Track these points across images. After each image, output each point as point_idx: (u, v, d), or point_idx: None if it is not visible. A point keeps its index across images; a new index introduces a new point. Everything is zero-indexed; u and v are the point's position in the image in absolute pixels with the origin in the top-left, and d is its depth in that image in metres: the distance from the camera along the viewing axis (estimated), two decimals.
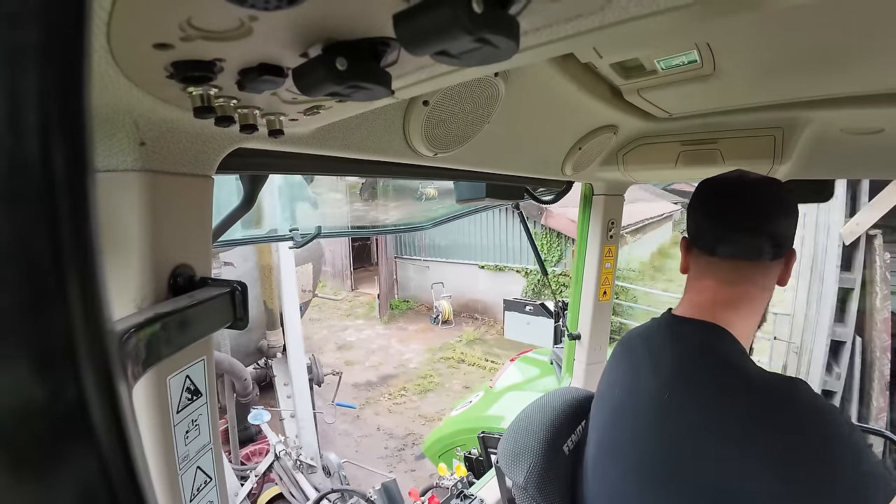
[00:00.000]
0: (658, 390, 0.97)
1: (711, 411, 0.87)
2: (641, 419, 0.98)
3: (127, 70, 0.43)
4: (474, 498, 2.09)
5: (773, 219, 0.99)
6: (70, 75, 0.16)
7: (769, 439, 0.80)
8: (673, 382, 0.95)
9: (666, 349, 1.02)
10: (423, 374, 8.70)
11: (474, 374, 8.66)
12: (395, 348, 10.10)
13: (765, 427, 0.81)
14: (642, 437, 0.97)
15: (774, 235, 0.98)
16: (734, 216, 1.02)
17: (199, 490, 0.69)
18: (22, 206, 0.15)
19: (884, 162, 1.47)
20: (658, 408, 0.95)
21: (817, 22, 0.77)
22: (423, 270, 12.48)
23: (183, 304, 0.57)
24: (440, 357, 9.39)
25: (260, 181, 1.07)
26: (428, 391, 8.12)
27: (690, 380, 0.94)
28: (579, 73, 1.06)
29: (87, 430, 0.16)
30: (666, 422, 0.93)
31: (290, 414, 5.35)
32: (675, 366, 0.98)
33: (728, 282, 1.02)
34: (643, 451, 0.96)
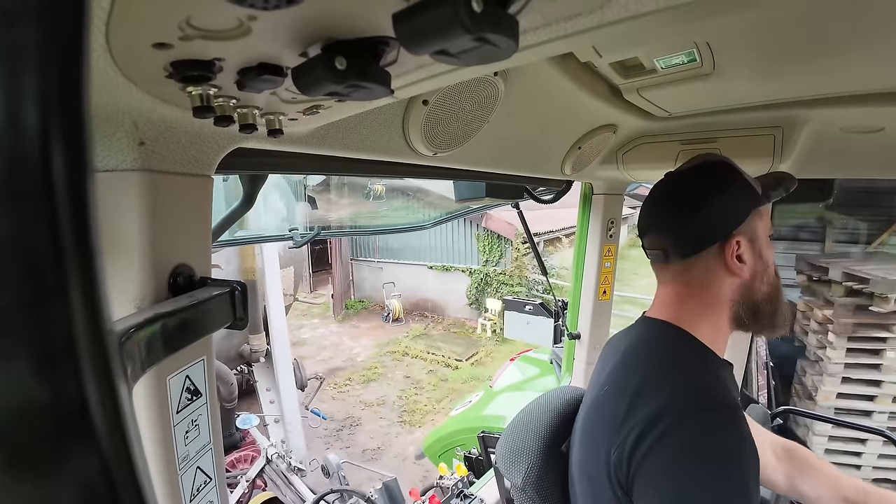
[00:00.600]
0: (599, 387, 1.01)
1: (624, 406, 0.89)
2: (582, 417, 1.03)
3: (126, 69, 0.43)
4: (474, 497, 2.09)
5: (673, 220, 1.00)
6: (69, 75, 0.16)
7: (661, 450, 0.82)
8: (609, 377, 0.99)
9: (621, 347, 1.05)
10: (369, 367, 9.26)
11: (416, 365, 9.31)
12: (347, 344, 10.58)
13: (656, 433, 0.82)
14: (578, 436, 1.02)
15: (677, 236, 0.99)
16: (641, 222, 1.07)
17: (199, 490, 0.69)
18: (21, 205, 0.15)
19: (884, 161, 1.46)
20: (592, 404, 1.00)
21: (816, 20, 0.77)
22: (377, 271, 13.04)
23: (183, 303, 0.57)
24: (386, 351, 9.95)
25: (259, 181, 1.07)
26: (371, 381, 8.68)
27: (622, 374, 0.97)
28: (579, 72, 1.06)
29: (88, 430, 0.16)
30: (593, 416, 0.98)
31: (275, 419, 5.36)
32: (617, 362, 1.01)
33: (663, 282, 1.06)
34: (579, 449, 1.01)
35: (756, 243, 0.99)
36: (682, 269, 1.00)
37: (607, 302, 2.29)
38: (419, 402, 7.84)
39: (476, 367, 8.98)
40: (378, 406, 7.74)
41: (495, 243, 10.96)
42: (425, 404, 7.75)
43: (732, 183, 0.97)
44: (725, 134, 1.47)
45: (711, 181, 0.98)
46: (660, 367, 0.93)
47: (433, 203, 6.73)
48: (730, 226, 0.96)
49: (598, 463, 0.90)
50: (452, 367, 9.03)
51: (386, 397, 8.03)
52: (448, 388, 8.27)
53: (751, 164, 1.46)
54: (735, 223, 0.96)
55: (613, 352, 1.08)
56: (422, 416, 7.40)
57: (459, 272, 11.59)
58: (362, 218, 4.46)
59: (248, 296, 0.66)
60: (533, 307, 3.18)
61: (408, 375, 8.84)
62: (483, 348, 9.83)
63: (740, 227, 0.96)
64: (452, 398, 7.81)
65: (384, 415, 7.52)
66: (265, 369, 6.07)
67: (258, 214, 3.54)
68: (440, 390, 8.20)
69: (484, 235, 11.02)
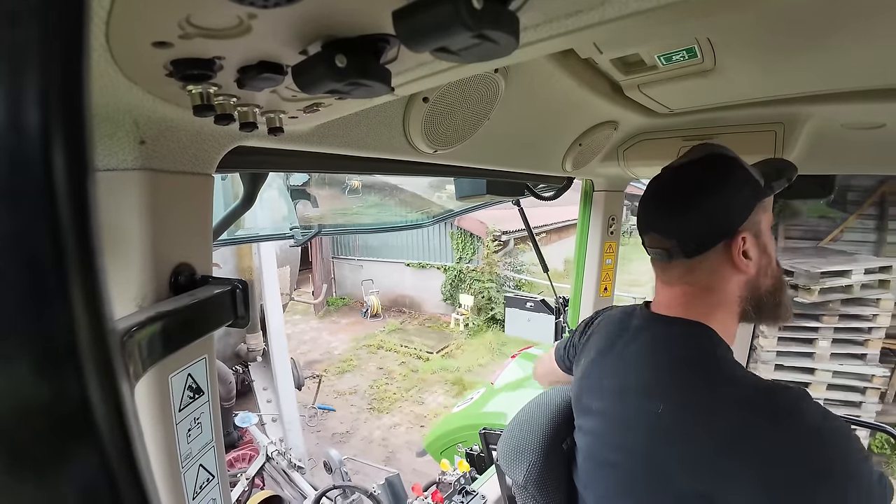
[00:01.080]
0: (640, 402, 0.95)
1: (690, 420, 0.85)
2: (621, 419, 0.97)
3: (126, 69, 0.43)
4: (476, 494, 2.09)
5: (677, 219, 0.95)
6: (70, 74, 0.16)
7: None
8: (656, 391, 0.93)
9: (638, 344, 1.01)
10: (345, 359, 9.57)
11: (389, 357, 9.68)
12: (325, 339, 10.94)
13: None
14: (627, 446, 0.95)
15: (681, 235, 0.94)
16: (642, 220, 1.01)
17: (201, 488, 0.69)
18: (22, 205, 0.15)
19: (886, 157, 1.46)
20: (639, 414, 0.93)
21: (817, 16, 0.77)
22: (357, 269, 13.41)
23: (184, 302, 0.57)
24: (363, 345, 10.31)
25: (260, 179, 1.06)
26: (346, 372, 9.01)
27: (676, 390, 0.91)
28: (579, 68, 1.06)
29: (90, 430, 0.16)
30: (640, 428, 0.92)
31: (272, 418, 5.40)
32: (650, 369, 0.96)
33: (666, 283, 1.01)
34: (627, 460, 0.94)
35: (760, 238, 0.96)
36: (686, 270, 0.96)
37: (609, 298, 2.29)
38: (389, 391, 8.19)
39: (446, 359, 9.35)
40: (350, 395, 8.07)
41: (468, 241, 11.30)
42: (394, 393, 8.09)
43: (735, 177, 0.93)
44: (726, 130, 1.46)
45: (714, 176, 0.94)
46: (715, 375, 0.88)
47: (405, 201, 6.83)
48: (735, 222, 0.92)
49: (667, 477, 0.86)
50: (424, 358, 9.40)
51: (358, 387, 8.37)
52: (417, 378, 8.60)
53: (752, 160, 1.46)
54: (740, 219, 0.92)
55: (632, 350, 1.02)
56: (390, 403, 7.75)
57: (435, 269, 11.99)
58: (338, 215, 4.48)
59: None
60: (534, 304, 3.18)
61: (381, 367, 9.21)
62: (454, 341, 10.21)
63: (745, 222, 0.93)
64: (420, 387, 8.25)
65: (355, 402, 7.83)
66: (262, 369, 6.11)
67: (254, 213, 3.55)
68: (410, 380, 8.55)
69: (457, 234, 11.41)
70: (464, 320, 10.84)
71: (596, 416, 1.04)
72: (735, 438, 0.78)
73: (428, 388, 8.21)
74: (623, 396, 0.97)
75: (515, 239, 11.31)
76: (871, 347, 4.95)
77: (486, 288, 10.78)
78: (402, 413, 7.45)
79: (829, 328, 4.99)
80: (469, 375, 8.44)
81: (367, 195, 6.63)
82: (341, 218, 4.23)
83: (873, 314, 4.87)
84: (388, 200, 7.11)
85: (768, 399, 0.80)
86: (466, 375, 8.46)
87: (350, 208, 5.89)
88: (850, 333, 5.01)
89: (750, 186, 0.94)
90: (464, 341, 10.23)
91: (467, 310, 10.89)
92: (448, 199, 5.92)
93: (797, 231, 6.12)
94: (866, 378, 4.94)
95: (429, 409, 7.51)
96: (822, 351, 5.01)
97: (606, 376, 1.04)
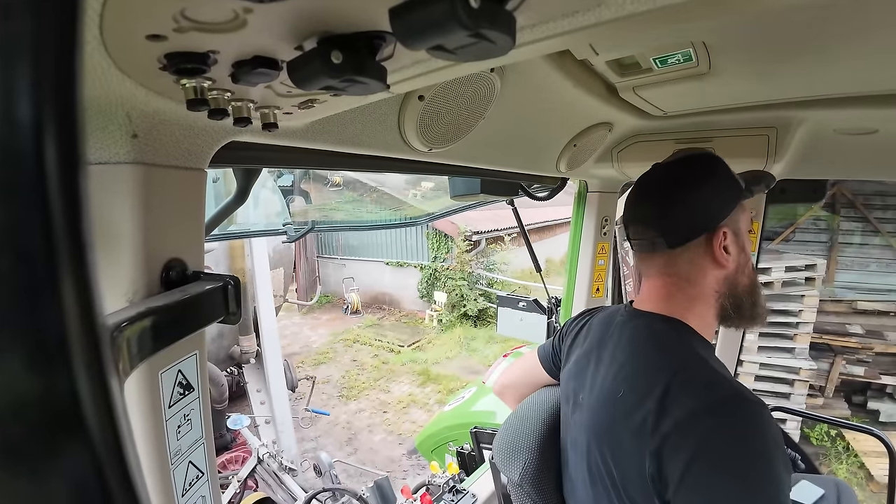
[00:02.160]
0: (608, 389, 0.99)
1: (652, 410, 0.88)
2: (594, 411, 1.00)
3: (120, 62, 0.43)
4: (466, 493, 2.09)
5: (663, 209, 1.00)
6: (63, 67, 0.16)
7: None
8: (622, 379, 0.97)
9: (619, 338, 1.04)
10: (322, 352, 10.03)
11: (363, 350, 10.16)
12: (305, 334, 11.39)
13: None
14: (590, 433, 0.99)
15: (666, 224, 0.99)
16: (628, 212, 1.07)
17: (191, 484, 0.69)
18: (13, 197, 0.15)
19: (878, 163, 1.48)
20: (609, 400, 0.97)
21: (812, 21, 0.77)
22: (340, 268, 13.85)
23: (175, 298, 0.57)
24: (340, 339, 10.80)
25: (253, 175, 1.06)
26: (321, 363, 9.47)
27: (638, 376, 0.95)
28: (575, 69, 1.06)
29: (80, 425, 0.16)
30: (611, 412, 0.96)
31: (266, 420, 5.38)
32: (629, 358, 0.99)
33: (648, 276, 1.06)
34: (589, 446, 0.99)
35: (739, 236, 1.01)
36: (668, 261, 1.01)
37: (601, 299, 2.30)
38: (359, 380, 8.65)
39: (416, 351, 9.87)
40: (323, 384, 8.40)
41: (442, 241, 11.86)
42: (364, 382, 8.58)
43: (720, 175, 0.99)
44: (720, 134, 1.47)
45: (700, 173, 0.99)
46: (681, 367, 0.91)
47: (379, 199, 6.96)
48: (717, 217, 0.97)
49: (628, 466, 0.89)
50: (395, 351, 9.87)
51: (331, 377, 8.79)
52: (387, 369, 9.11)
53: (745, 164, 1.47)
54: (722, 215, 0.98)
55: (613, 346, 1.05)
56: (358, 391, 8.20)
57: (412, 268, 12.45)
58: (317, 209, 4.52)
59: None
60: (526, 304, 3.18)
61: (354, 359, 9.66)
62: (426, 336, 10.68)
63: (726, 219, 0.98)
64: (388, 377, 8.71)
65: (326, 391, 8.23)
66: (255, 370, 6.10)
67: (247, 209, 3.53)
68: (379, 371, 9.03)
69: (433, 234, 11.90)
70: (437, 316, 11.32)
71: (579, 412, 1.07)
72: (683, 429, 0.82)
73: (395, 378, 8.63)
74: (600, 390, 1.01)
75: (487, 239, 11.75)
76: (799, 342, 5.22)
77: (458, 286, 11.22)
78: (368, 400, 7.90)
79: None
80: (436, 367, 8.88)
81: (345, 191, 6.71)
82: (318, 213, 4.24)
83: (799, 310, 5.18)
84: (365, 197, 7.23)
85: (725, 405, 0.84)
86: (433, 367, 8.88)
87: (329, 203, 5.94)
88: (779, 328, 5.28)
89: (732, 186, 1.00)
90: (435, 336, 10.68)
91: (441, 306, 11.33)
92: (421, 198, 5.99)
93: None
94: (794, 370, 5.20)
95: (393, 396, 7.96)
96: (750, 344, 5.22)
97: (590, 373, 1.07)
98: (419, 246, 12.36)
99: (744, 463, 0.78)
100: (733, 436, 0.80)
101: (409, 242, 12.55)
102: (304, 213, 3.50)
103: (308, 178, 4.77)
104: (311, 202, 3.84)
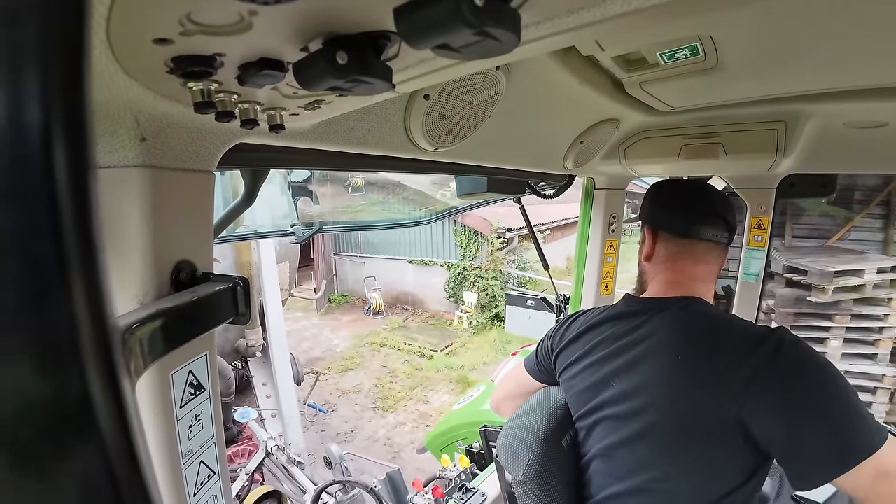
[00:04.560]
0: (667, 357, 1.05)
1: (721, 365, 0.98)
2: (654, 387, 1.04)
3: (127, 66, 0.43)
4: (476, 491, 2.10)
5: (732, 211, 1.21)
6: (70, 71, 0.16)
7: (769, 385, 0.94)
8: (682, 345, 1.05)
9: (659, 324, 1.11)
10: (348, 357, 9.47)
11: (392, 355, 9.61)
12: (326, 336, 10.81)
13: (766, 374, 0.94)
14: (660, 398, 1.03)
15: (733, 225, 1.21)
16: (708, 206, 1.21)
17: (202, 484, 0.70)
18: (24, 202, 0.15)
19: (887, 156, 1.46)
20: (671, 372, 1.03)
21: (819, 14, 0.76)
22: (359, 266, 13.33)
23: (185, 299, 0.58)
24: (365, 342, 10.19)
25: (261, 176, 1.06)
26: (349, 370, 8.93)
27: (698, 341, 1.05)
28: (581, 66, 1.05)
29: (92, 426, 0.16)
30: (681, 381, 1.02)
31: (272, 413, 5.39)
32: (678, 332, 1.08)
33: (704, 261, 1.21)
34: (662, 413, 1.02)
35: None
36: (721, 253, 1.23)
37: (609, 297, 2.29)
38: (393, 389, 8.14)
39: (450, 356, 9.32)
40: (354, 393, 8.02)
41: (472, 238, 11.32)
42: (399, 391, 8.03)
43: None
44: (728, 128, 1.46)
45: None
46: (730, 324, 1.08)
47: (410, 198, 6.78)
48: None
49: (711, 428, 0.97)
50: (427, 356, 9.35)
51: (362, 385, 8.28)
52: (422, 376, 8.57)
53: (754, 158, 1.46)
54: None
55: (651, 326, 1.13)
56: (395, 402, 7.68)
57: (438, 266, 11.94)
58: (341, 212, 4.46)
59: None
60: (535, 302, 3.19)
61: (384, 365, 9.10)
62: (458, 339, 10.15)
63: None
64: (425, 386, 8.20)
65: (359, 401, 7.76)
66: (262, 364, 6.10)
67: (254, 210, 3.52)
68: (414, 378, 8.49)
69: (461, 231, 11.43)
70: (468, 318, 10.82)
71: (608, 402, 1.11)
72: (756, 366, 0.94)
73: (433, 387, 8.16)
74: (647, 370, 1.07)
75: (520, 236, 11.26)
76: (881, 347, 4.91)
77: (490, 286, 10.76)
78: (407, 412, 7.41)
79: (840, 328, 4.93)
80: (474, 374, 8.39)
81: (369, 193, 6.57)
82: (344, 215, 4.23)
83: (884, 314, 4.83)
84: (391, 198, 7.09)
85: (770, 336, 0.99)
86: (471, 374, 8.40)
87: (353, 205, 5.85)
88: (862, 333, 4.96)
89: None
90: (468, 339, 10.18)
91: (471, 307, 10.86)
92: (451, 196, 5.89)
93: (803, 229, 6.13)
94: (877, 378, 4.90)
95: (434, 407, 7.48)
96: (834, 351, 4.95)
97: (627, 359, 1.12)
98: (445, 244, 11.93)
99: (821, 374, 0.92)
100: (804, 358, 0.95)
101: (434, 240, 12.11)
102: (322, 215, 3.49)
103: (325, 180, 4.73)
104: (319, 203, 3.85)
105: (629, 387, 1.08)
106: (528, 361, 1.42)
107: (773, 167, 1.52)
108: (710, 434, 0.97)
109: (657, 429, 1.02)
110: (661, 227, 1.24)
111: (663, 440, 1.02)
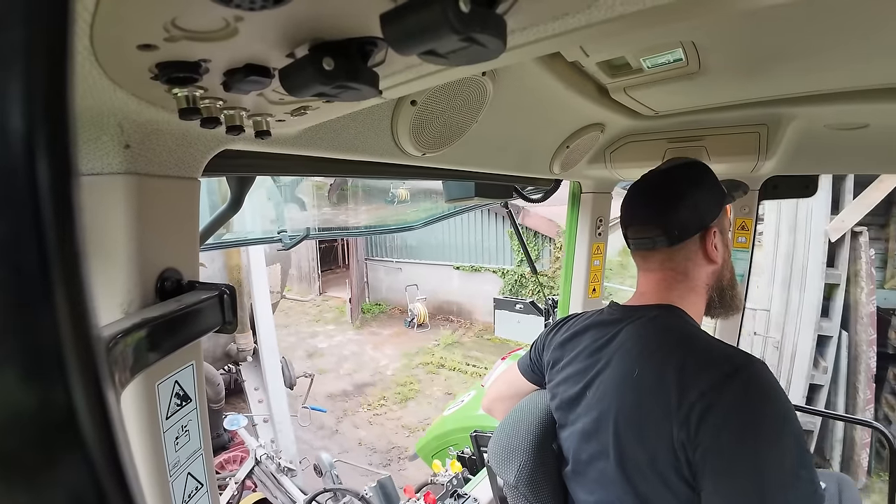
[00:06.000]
0: (626, 373, 1.01)
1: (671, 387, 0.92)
2: (613, 403, 1.01)
3: (111, 72, 0.43)
4: (468, 497, 2.09)
5: (662, 210, 1.10)
6: (54, 78, 0.16)
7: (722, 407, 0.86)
8: (639, 361, 1.00)
9: (626, 336, 1.07)
10: (402, 382, 8.26)
11: (455, 379, 8.25)
12: (370, 354, 9.61)
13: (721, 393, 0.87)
14: (614, 414, 1.00)
15: (666, 224, 1.08)
16: (627, 214, 1.17)
17: (190, 496, 0.68)
18: (5, 210, 0.15)
19: (868, 157, 1.49)
20: (625, 391, 1.00)
21: (800, 19, 0.78)
22: (394, 272, 12.15)
23: (171, 308, 0.57)
24: (418, 363, 8.97)
25: (247, 183, 1.06)
26: (408, 399, 7.71)
27: (654, 357, 0.99)
28: (566, 71, 1.06)
29: (76, 438, 0.16)
30: (632, 395, 0.98)
31: (264, 419, 5.31)
32: (640, 347, 1.03)
33: (648, 270, 1.15)
34: (616, 429, 0.99)
35: (724, 235, 1.14)
36: (666, 257, 1.11)
37: (597, 300, 2.30)
38: None
39: None
40: (424, 430, 6.30)
41: (532, 241, 10.01)
42: None
43: (710, 179, 1.12)
44: (711, 132, 1.48)
45: (694, 177, 1.11)
46: (693, 343, 0.98)
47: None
48: (708, 218, 1.09)
49: (654, 450, 0.92)
50: None
51: (430, 420, 6.37)
52: None
53: (737, 161, 1.48)
54: (712, 216, 1.10)
55: (621, 339, 1.08)
56: None
57: (490, 273, 10.76)
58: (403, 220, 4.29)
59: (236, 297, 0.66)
60: (523, 306, 3.19)
61: (448, 392, 7.65)
62: None
63: (715, 220, 1.10)
64: None
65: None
66: (253, 368, 6.00)
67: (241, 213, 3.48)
68: None
69: (522, 233, 10.33)
70: None
71: (581, 414, 1.09)
72: (711, 391, 0.87)
73: None
74: (616, 378, 1.03)
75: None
76: None
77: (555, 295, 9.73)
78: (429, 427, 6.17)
79: None
80: None
81: (418, 202, 6.10)
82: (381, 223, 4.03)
83: None
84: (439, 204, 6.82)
85: (730, 361, 0.91)
86: None
87: (404, 215, 5.53)
88: None
89: (719, 189, 1.13)
90: None
91: None
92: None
93: None
94: None
95: None
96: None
97: (597, 370, 1.09)
98: (499, 247, 10.66)
99: (768, 420, 0.84)
100: (759, 394, 0.86)
101: (485, 243, 10.86)
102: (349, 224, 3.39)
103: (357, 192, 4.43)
104: (306, 210, 3.82)
105: (594, 401, 1.06)
106: (521, 362, 1.42)
107: (755, 169, 1.54)
108: (654, 461, 0.92)
109: (611, 449, 0.99)
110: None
111: (616, 461, 0.98)
